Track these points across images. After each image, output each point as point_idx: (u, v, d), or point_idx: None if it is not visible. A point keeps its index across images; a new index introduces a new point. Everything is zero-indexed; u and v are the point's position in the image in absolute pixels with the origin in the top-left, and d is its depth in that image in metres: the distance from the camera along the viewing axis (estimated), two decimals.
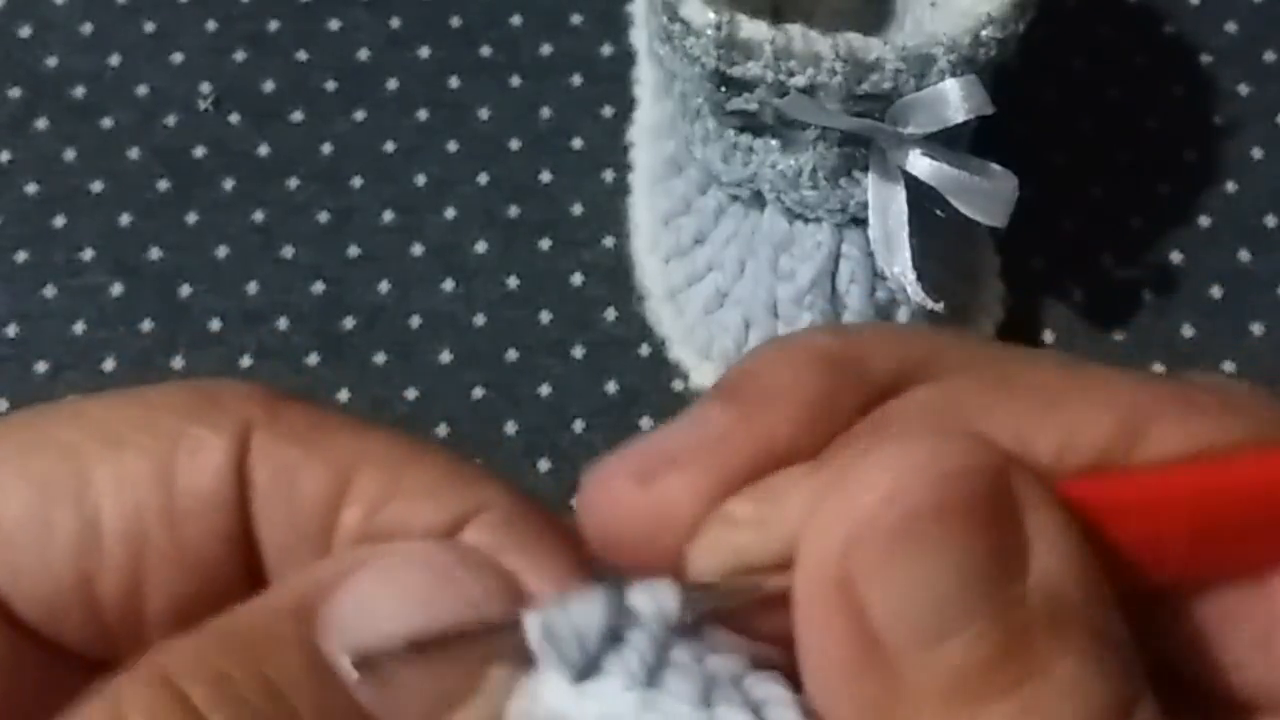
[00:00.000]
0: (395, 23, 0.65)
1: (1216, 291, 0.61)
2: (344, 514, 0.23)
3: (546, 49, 0.65)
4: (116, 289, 0.61)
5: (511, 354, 0.60)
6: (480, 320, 0.60)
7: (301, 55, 0.65)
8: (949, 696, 0.20)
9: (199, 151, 0.63)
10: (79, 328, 0.60)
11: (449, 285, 0.61)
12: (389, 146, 0.63)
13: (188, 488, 0.23)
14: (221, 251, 0.62)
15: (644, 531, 0.23)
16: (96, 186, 0.63)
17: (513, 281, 0.61)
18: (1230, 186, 0.63)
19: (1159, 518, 0.22)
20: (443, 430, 0.59)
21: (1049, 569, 0.21)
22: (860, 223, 0.53)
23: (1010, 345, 0.25)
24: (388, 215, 0.62)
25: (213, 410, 0.24)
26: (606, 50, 0.65)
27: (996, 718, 0.20)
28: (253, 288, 0.61)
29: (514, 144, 0.63)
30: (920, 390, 0.23)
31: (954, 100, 0.50)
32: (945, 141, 0.51)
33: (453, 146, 0.63)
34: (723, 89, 0.51)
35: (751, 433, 0.23)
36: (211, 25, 0.65)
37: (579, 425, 0.59)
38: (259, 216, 0.62)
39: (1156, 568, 0.22)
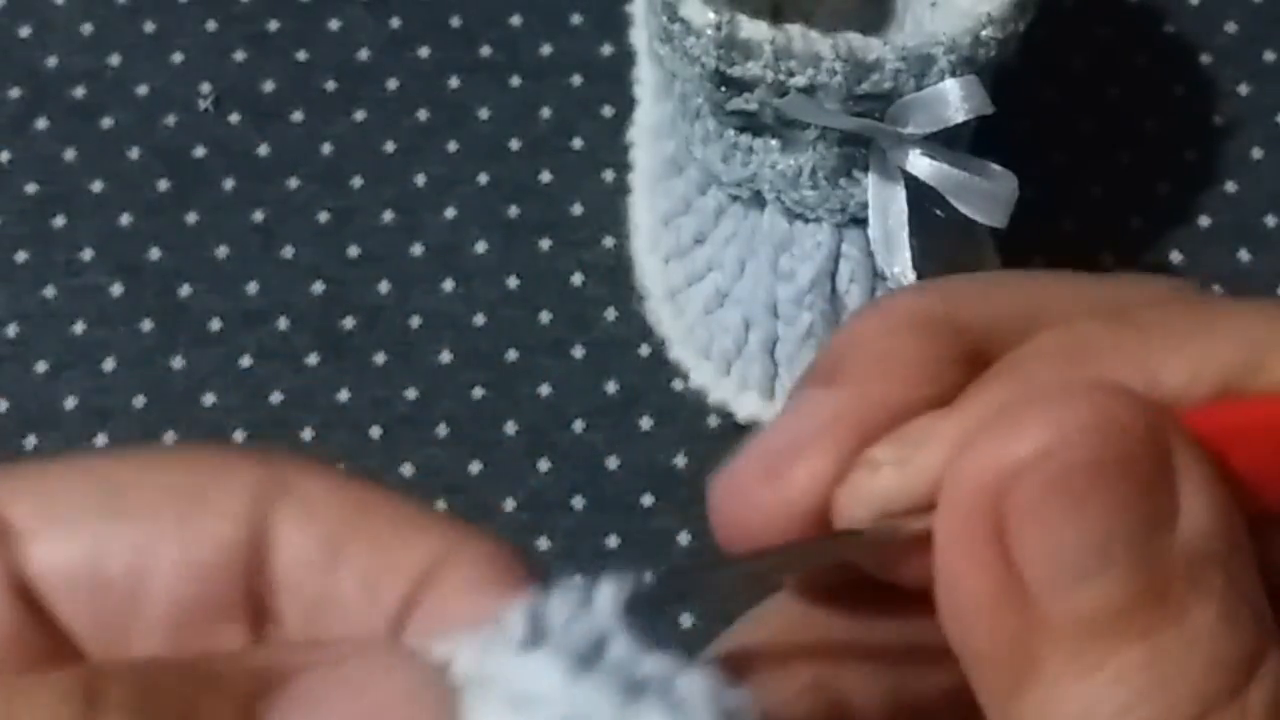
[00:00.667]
0: (395, 23, 0.65)
1: (1217, 291, 0.61)
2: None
3: (546, 49, 0.65)
4: (116, 289, 0.61)
5: (511, 354, 0.60)
6: (480, 320, 0.60)
7: (301, 55, 0.65)
8: (1083, 635, 0.21)
9: (199, 151, 0.63)
10: (79, 328, 0.60)
11: (449, 285, 0.61)
12: (389, 146, 0.63)
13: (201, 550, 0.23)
14: (221, 251, 0.62)
15: (781, 527, 0.23)
16: (96, 186, 0.63)
17: (513, 281, 0.61)
18: (1230, 186, 0.63)
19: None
20: (443, 430, 0.59)
21: (1196, 525, 0.21)
22: (860, 223, 0.53)
23: (1104, 276, 0.26)
24: (388, 215, 0.62)
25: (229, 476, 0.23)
26: (606, 50, 0.65)
27: (1126, 661, 0.21)
28: (253, 288, 0.61)
29: (514, 144, 0.63)
30: (1046, 335, 0.23)
31: (954, 100, 0.50)
32: (945, 141, 0.51)
33: (453, 146, 0.63)
34: (723, 89, 0.51)
35: (863, 408, 0.23)
36: (211, 25, 0.65)
37: (579, 425, 0.59)
38: (259, 216, 0.62)
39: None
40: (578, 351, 0.60)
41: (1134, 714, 0.21)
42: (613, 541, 0.57)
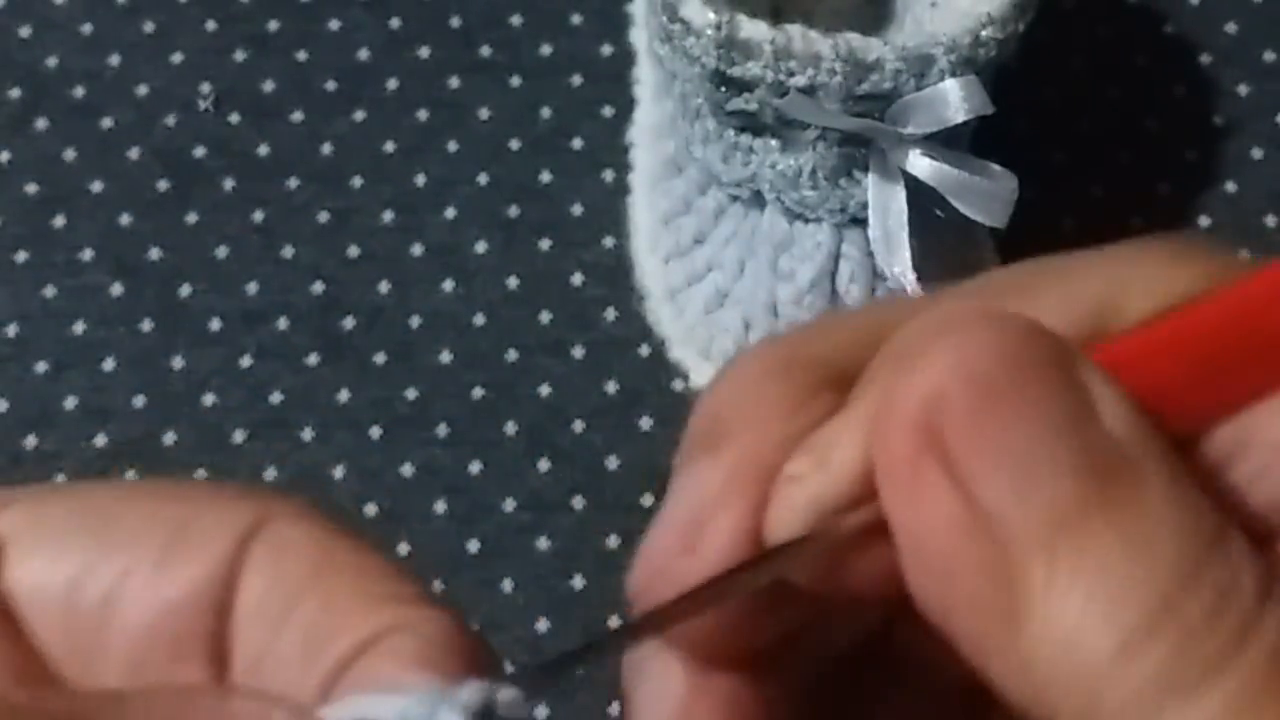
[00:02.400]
0: (395, 23, 0.65)
1: None
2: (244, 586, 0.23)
3: (546, 49, 0.65)
4: (116, 289, 0.61)
5: (511, 354, 0.60)
6: (480, 320, 0.60)
7: (301, 55, 0.65)
8: (1054, 538, 0.21)
9: (199, 151, 0.63)
10: (79, 328, 0.60)
11: (449, 285, 0.61)
12: (389, 146, 0.63)
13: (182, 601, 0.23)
14: (221, 251, 0.62)
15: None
16: (96, 186, 0.63)
17: (513, 281, 0.61)
18: (1230, 186, 0.63)
19: (1160, 367, 0.23)
20: (443, 430, 0.59)
21: (1117, 416, 0.22)
22: (860, 223, 0.53)
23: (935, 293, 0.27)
24: (388, 215, 0.62)
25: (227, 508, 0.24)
26: (606, 50, 0.65)
27: (1102, 549, 0.21)
28: (253, 288, 0.61)
29: (514, 144, 0.63)
30: (911, 323, 0.24)
31: (954, 100, 0.50)
32: (945, 141, 0.51)
33: (453, 146, 0.63)
34: (723, 89, 0.51)
35: (754, 455, 0.24)
36: (211, 25, 0.65)
37: (579, 425, 0.59)
38: (259, 216, 0.62)
39: (1169, 418, 0.23)
40: (578, 351, 0.60)
41: (1129, 594, 0.21)
42: (613, 541, 0.57)
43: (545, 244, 0.62)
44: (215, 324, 0.60)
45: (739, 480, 0.24)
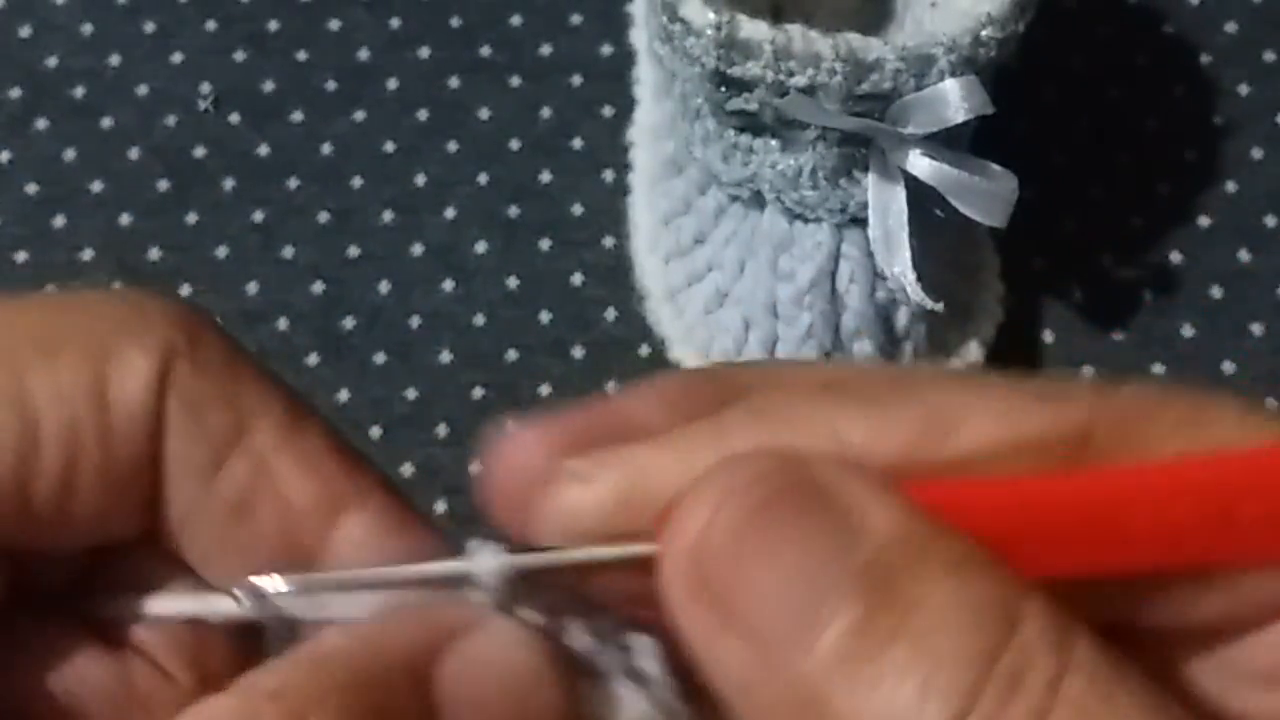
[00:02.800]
0: (395, 23, 0.65)
1: (1216, 291, 0.61)
2: (233, 461, 0.24)
3: (546, 49, 0.65)
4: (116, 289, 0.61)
5: (511, 354, 0.60)
6: (480, 320, 0.60)
7: (301, 55, 0.65)
8: (847, 661, 0.21)
9: (199, 151, 0.63)
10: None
11: (449, 285, 0.61)
12: (389, 146, 0.63)
13: (120, 404, 0.24)
14: (221, 251, 0.62)
15: (519, 488, 0.24)
16: (96, 186, 0.63)
17: (513, 281, 0.61)
18: (1230, 186, 0.63)
19: (992, 520, 0.23)
20: (443, 430, 0.59)
21: (881, 523, 0.22)
22: (860, 223, 0.53)
23: (843, 364, 0.27)
24: (388, 215, 0.62)
25: (142, 329, 0.24)
26: (606, 50, 0.65)
27: (896, 661, 0.21)
28: (253, 288, 0.61)
29: (514, 144, 0.63)
30: (753, 397, 0.24)
31: (954, 100, 0.50)
32: (945, 141, 0.51)
33: (453, 146, 0.63)
34: (723, 89, 0.51)
35: (612, 412, 0.24)
36: (211, 25, 0.65)
37: None
38: (259, 216, 0.62)
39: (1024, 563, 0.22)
40: (578, 351, 0.60)
41: (931, 694, 0.21)
42: None
43: (545, 244, 0.62)
44: None
45: (590, 416, 0.25)
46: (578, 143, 0.63)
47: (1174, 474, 0.22)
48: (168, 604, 0.25)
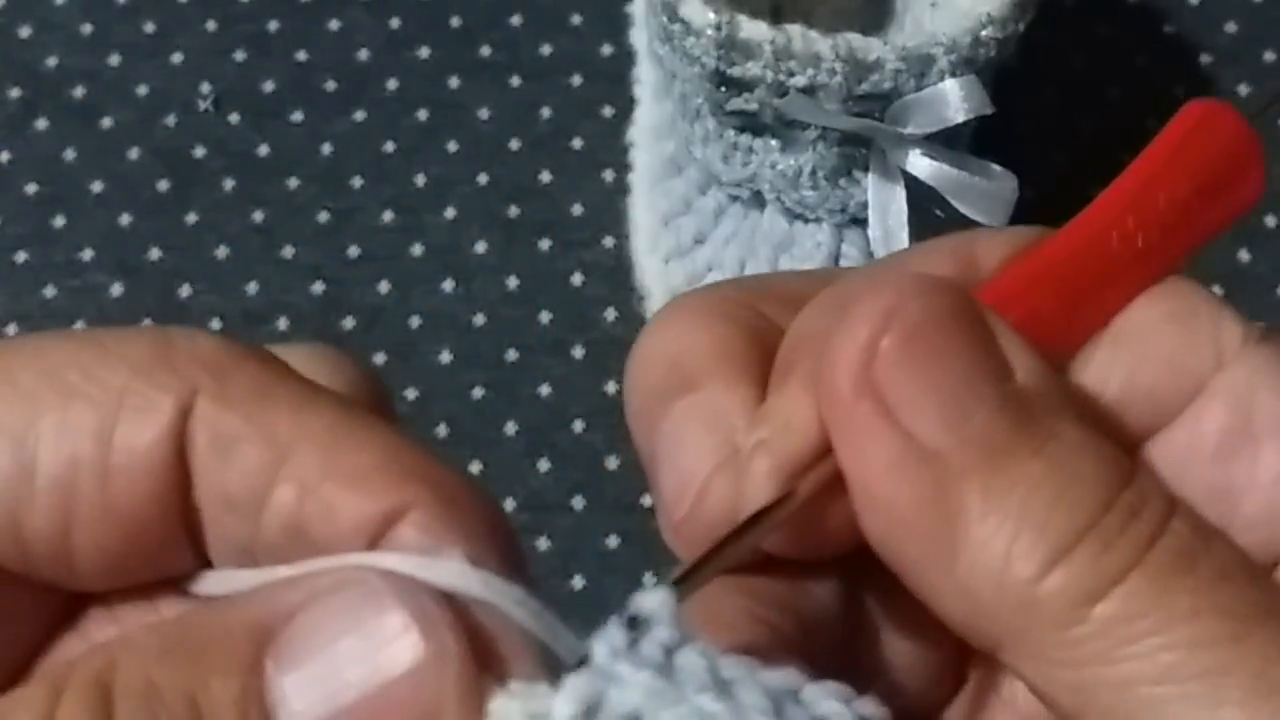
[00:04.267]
0: (395, 23, 0.65)
1: (1216, 291, 0.61)
2: (277, 491, 0.24)
3: (546, 49, 0.65)
4: (116, 289, 0.61)
5: (511, 354, 0.60)
6: (480, 320, 0.60)
7: (301, 55, 0.65)
8: (985, 465, 0.23)
9: (199, 151, 0.63)
10: (79, 328, 0.60)
11: (449, 285, 0.61)
12: (389, 146, 0.63)
13: (124, 445, 0.24)
14: (221, 251, 0.62)
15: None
16: (96, 186, 0.63)
17: (513, 281, 0.61)
18: None
19: (1030, 300, 0.26)
20: (443, 430, 0.59)
21: (1027, 366, 0.25)
22: (860, 223, 0.53)
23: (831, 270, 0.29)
24: (388, 215, 0.62)
25: (163, 369, 0.24)
26: (606, 50, 0.65)
27: (1030, 475, 0.23)
28: (253, 288, 0.61)
29: (514, 144, 0.63)
30: (842, 282, 0.27)
31: (954, 100, 0.50)
32: (945, 141, 0.51)
33: (453, 146, 0.63)
34: (723, 89, 0.51)
35: (727, 410, 0.26)
36: (211, 25, 0.65)
37: (579, 425, 0.59)
38: (259, 216, 0.62)
39: (1048, 345, 0.26)
40: (578, 351, 0.60)
41: (1055, 516, 0.23)
42: (613, 541, 0.57)
43: (545, 244, 0.62)
44: (215, 324, 0.60)
45: (727, 415, 0.26)
46: (578, 143, 0.63)
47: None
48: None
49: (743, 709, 0.22)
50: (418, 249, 0.61)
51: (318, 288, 0.61)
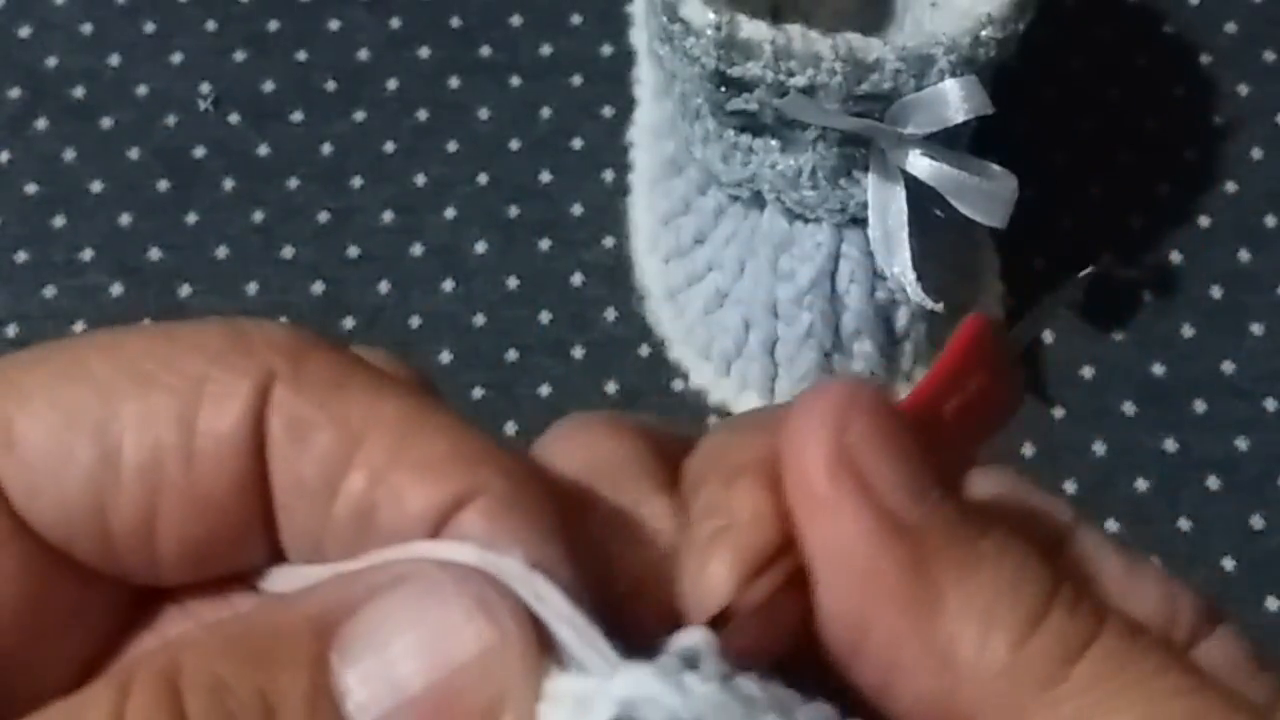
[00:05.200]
0: (395, 23, 0.65)
1: (1216, 291, 0.61)
2: (349, 478, 0.24)
3: (546, 49, 0.65)
4: (116, 289, 0.61)
5: (511, 354, 0.60)
6: (480, 320, 0.60)
7: (301, 55, 0.65)
8: (956, 537, 0.24)
9: (199, 151, 0.63)
10: (79, 328, 0.60)
11: (449, 285, 0.61)
12: (389, 146, 0.63)
13: (207, 431, 0.24)
14: (221, 251, 0.62)
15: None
16: (96, 186, 0.63)
17: (513, 281, 0.61)
18: (1230, 186, 0.63)
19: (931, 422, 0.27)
20: None
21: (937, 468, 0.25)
22: (860, 223, 0.53)
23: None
24: (388, 215, 0.62)
25: (240, 355, 0.24)
26: (606, 50, 0.65)
27: (992, 550, 0.24)
28: (253, 288, 0.61)
29: (514, 144, 0.63)
30: (711, 436, 0.27)
31: (954, 100, 0.50)
32: (945, 141, 0.51)
33: (453, 146, 0.63)
34: (723, 89, 0.51)
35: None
36: (211, 25, 0.65)
37: None
38: (259, 216, 0.62)
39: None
40: (578, 351, 0.60)
41: (1023, 579, 0.24)
42: None
43: (545, 244, 0.62)
44: None
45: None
46: (578, 143, 0.63)
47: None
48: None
49: None
50: (418, 249, 0.61)
51: (318, 288, 0.61)
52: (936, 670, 0.24)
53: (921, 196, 0.52)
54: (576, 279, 0.61)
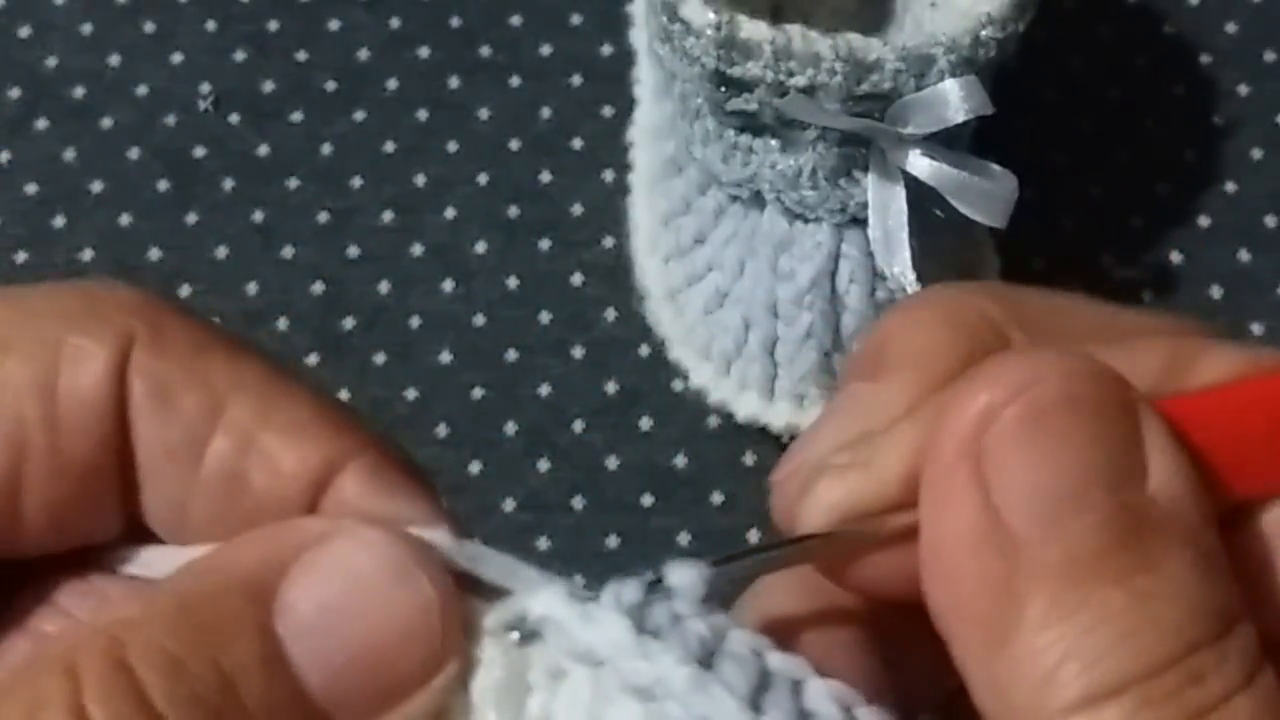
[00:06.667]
0: (395, 23, 0.65)
1: (1216, 291, 0.61)
2: (216, 440, 0.24)
3: (546, 49, 0.65)
4: None
5: (511, 354, 0.60)
6: (480, 320, 0.60)
7: (301, 55, 0.65)
8: (1064, 574, 0.22)
9: (199, 151, 0.63)
10: None
11: (449, 285, 0.61)
12: (389, 146, 0.63)
13: (68, 396, 0.24)
14: (221, 251, 0.62)
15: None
16: (96, 186, 0.63)
17: (513, 281, 0.61)
18: (1230, 186, 0.63)
19: (1240, 421, 0.24)
20: (443, 430, 0.59)
21: (1165, 479, 0.22)
22: (860, 223, 0.53)
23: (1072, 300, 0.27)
24: (388, 215, 0.62)
25: (95, 319, 0.24)
26: (606, 50, 0.65)
27: (1107, 602, 0.22)
28: (253, 288, 0.61)
29: (514, 144, 0.63)
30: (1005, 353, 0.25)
31: (954, 100, 0.50)
32: (945, 141, 0.51)
33: (453, 146, 0.63)
34: (723, 89, 0.51)
35: (918, 393, 0.25)
36: (211, 25, 0.65)
37: (579, 425, 0.59)
38: (259, 216, 0.62)
39: (1241, 476, 0.23)
40: (578, 351, 0.60)
41: (1115, 654, 0.21)
42: (613, 541, 0.57)
43: (545, 244, 0.62)
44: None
45: (910, 405, 0.24)
46: (578, 143, 0.63)
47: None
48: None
49: (705, 684, 0.22)
50: (418, 249, 0.61)
51: (318, 288, 0.61)
52: (990, 694, 0.22)
53: (921, 196, 0.52)
54: (576, 279, 0.61)
